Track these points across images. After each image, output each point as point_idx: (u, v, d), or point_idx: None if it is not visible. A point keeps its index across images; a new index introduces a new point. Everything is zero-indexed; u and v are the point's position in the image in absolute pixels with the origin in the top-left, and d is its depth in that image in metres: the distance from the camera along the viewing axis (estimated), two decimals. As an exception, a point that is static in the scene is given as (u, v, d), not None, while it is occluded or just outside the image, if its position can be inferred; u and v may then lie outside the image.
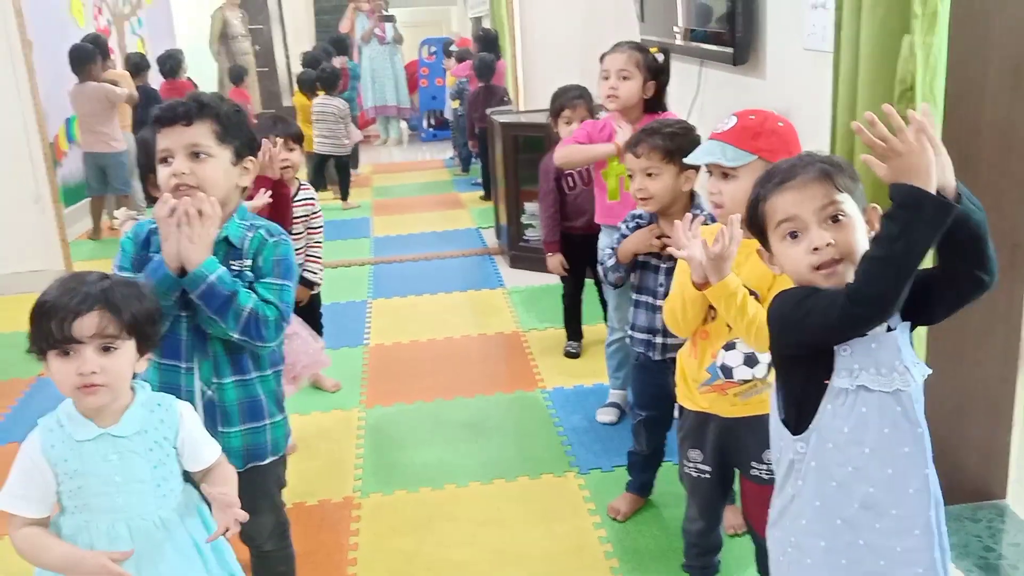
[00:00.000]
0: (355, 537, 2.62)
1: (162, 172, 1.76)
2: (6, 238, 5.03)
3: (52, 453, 1.49)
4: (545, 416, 3.31)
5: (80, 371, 1.43)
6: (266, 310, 1.78)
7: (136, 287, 1.54)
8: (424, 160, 9.41)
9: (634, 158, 2.34)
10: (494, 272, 5.15)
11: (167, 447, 1.55)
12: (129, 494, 1.51)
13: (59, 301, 1.43)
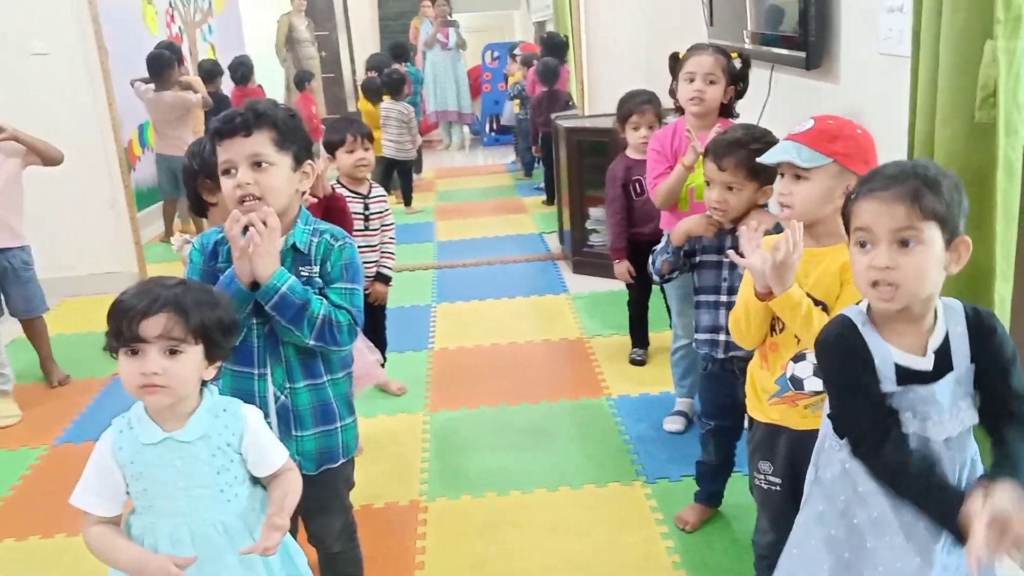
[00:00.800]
0: (422, 541, 2.63)
1: (226, 184, 1.78)
2: (84, 241, 5.18)
3: (120, 455, 1.53)
4: (611, 423, 3.29)
5: (143, 370, 1.46)
6: (338, 315, 1.81)
7: (210, 294, 1.56)
8: (486, 164, 9.45)
9: (718, 170, 2.29)
10: (557, 277, 5.14)
11: (231, 452, 1.56)
12: (192, 499, 1.53)
13: (131, 301, 1.47)
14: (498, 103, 10.07)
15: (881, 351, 1.49)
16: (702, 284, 2.44)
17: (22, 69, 4.89)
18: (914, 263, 1.41)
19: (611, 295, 4.57)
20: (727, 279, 2.37)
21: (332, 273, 1.83)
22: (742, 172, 2.25)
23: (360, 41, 11.85)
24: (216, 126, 1.77)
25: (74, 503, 1.55)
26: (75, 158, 5.03)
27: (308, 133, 1.90)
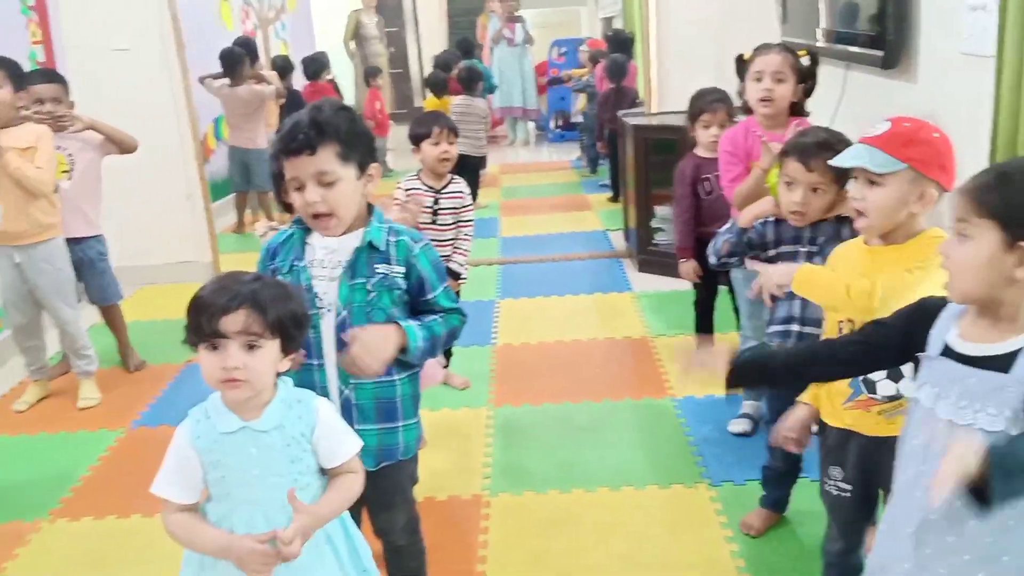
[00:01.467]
0: (484, 535, 2.65)
1: (296, 200, 1.81)
2: (160, 231, 5.32)
3: (198, 443, 1.57)
4: (675, 424, 3.28)
5: (224, 365, 1.50)
6: (452, 320, 1.92)
7: (285, 288, 1.60)
8: (551, 161, 9.45)
9: (805, 171, 2.24)
10: (621, 275, 5.13)
11: (304, 443, 1.59)
12: (267, 487, 1.57)
13: (211, 298, 1.51)
14: (564, 99, 10.06)
15: (944, 327, 1.47)
16: None
17: (103, 64, 5.04)
18: (961, 257, 1.39)
19: (676, 295, 4.53)
20: None
21: (429, 277, 1.88)
22: (831, 174, 2.21)
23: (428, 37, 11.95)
24: (280, 145, 1.79)
25: (154, 492, 1.59)
26: (152, 151, 5.19)
27: (370, 136, 1.94)
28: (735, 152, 2.90)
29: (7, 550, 2.72)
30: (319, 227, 1.82)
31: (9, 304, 3.64)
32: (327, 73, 8.09)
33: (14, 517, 2.91)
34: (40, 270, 3.57)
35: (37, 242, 3.54)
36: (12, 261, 3.55)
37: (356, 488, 1.66)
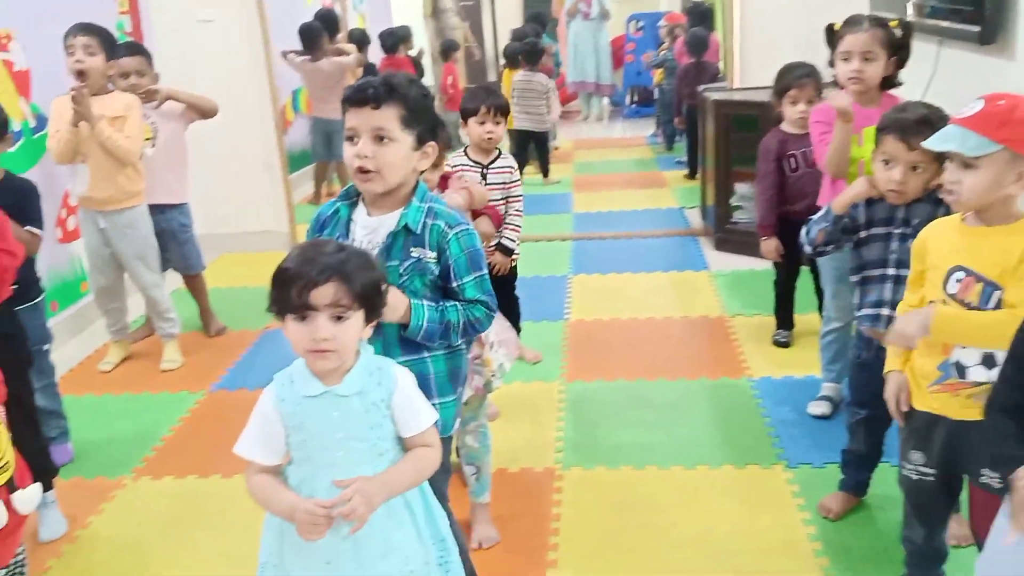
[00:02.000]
0: (557, 508, 2.65)
1: (347, 150, 1.80)
2: (240, 201, 5.42)
3: (282, 407, 1.59)
4: (752, 405, 3.22)
5: (314, 336, 1.51)
6: (474, 312, 1.85)
7: (367, 257, 1.60)
8: (626, 137, 9.34)
9: (906, 149, 2.16)
10: (698, 254, 5.05)
11: (383, 409, 1.60)
12: (347, 451, 1.58)
13: (299, 270, 1.51)
14: (640, 74, 9.92)
15: None
16: (868, 258, 2.33)
17: (189, 35, 5.13)
18: None
19: (754, 274, 4.45)
20: (895, 251, 2.27)
21: (459, 265, 1.83)
22: (931, 152, 2.12)
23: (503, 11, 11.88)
24: (348, 93, 1.79)
25: (237, 452, 1.62)
26: (234, 122, 5.28)
27: (436, 115, 1.91)
28: (828, 122, 2.81)
29: (93, 505, 2.81)
30: (361, 182, 1.80)
31: (93, 267, 3.75)
32: (406, 47, 8.10)
33: (99, 474, 3.00)
34: (123, 235, 3.66)
35: (122, 208, 3.63)
36: (97, 226, 3.65)
37: (430, 462, 1.65)
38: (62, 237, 4.20)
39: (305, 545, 1.56)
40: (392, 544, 1.61)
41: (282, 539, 1.63)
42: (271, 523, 1.66)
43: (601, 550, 2.45)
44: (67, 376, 3.75)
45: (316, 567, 1.59)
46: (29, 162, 3.93)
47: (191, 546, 2.58)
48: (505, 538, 2.49)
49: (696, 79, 6.44)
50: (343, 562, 1.58)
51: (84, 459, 3.09)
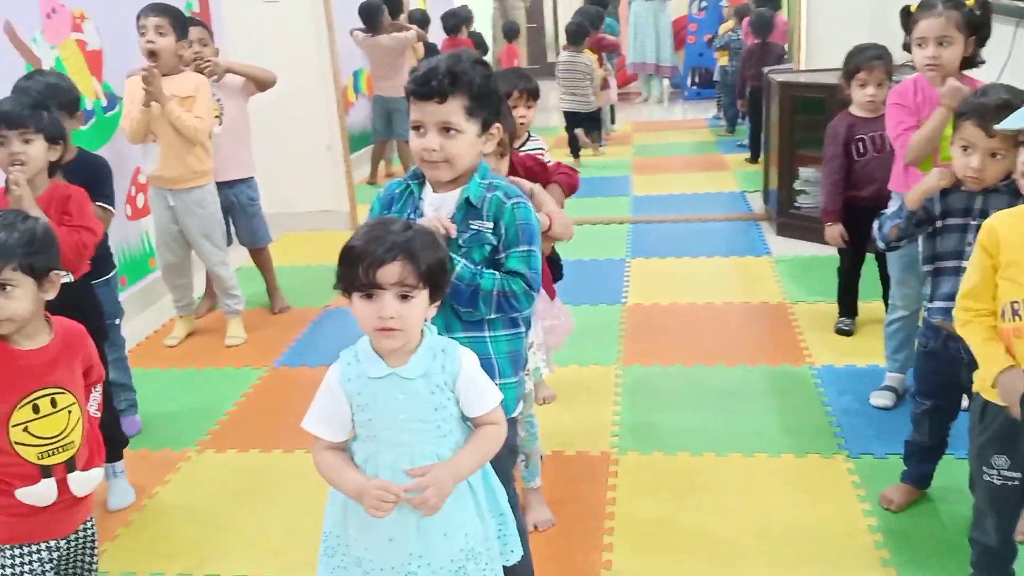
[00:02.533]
0: (612, 492, 2.65)
1: (414, 141, 1.80)
2: (303, 180, 5.49)
3: (348, 385, 1.60)
4: (812, 393, 3.17)
5: (380, 315, 1.52)
6: (512, 284, 1.80)
7: (433, 236, 1.60)
8: (686, 119, 9.24)
9: (985, 136, 2.10)
10: (759, 239, 4.98)
11: (447, 391, 1.60)
12: (412, 432, 1.60)
13: (367, 248, 1.52)
14: (702, 55, 9.79)
15: None
16: (943, 249, 2.27)
17: (254, 16, 5.20)
18: None
19: (817, 260, 4.38)
20: (971, 243, 2.20)
21: (508, 236, 1.82)
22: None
23: (565, -9, 11.81)
24: (412, 86, 1.78)
25: (305, 427, 1.64)
26: (297, 102, 5.35)
27: (500, 96, 1.90)
28: (905, 104, 2.73)
29: (159, 476, 2.89)
30: (429, 170, 1.81)
31: (161, 244, 3.84)
32: (468, 28, 8.10)
33: (165, 445, 3.09)
34: (191, 213, 3.74)
35: (190, 187, 3.70)
36: (166, 203, 3.73)
37: (496, 440, 1.66)
38: (131, 214, 4.30)
39: (369, 522, 1.59)
40: (454, 524, 1.62)
41: (346, 513, 1.66)
42: (336, 497, 1.68)
43: (657, 534, 2.45)
44: (135, 350, 3.84)
45: (379, 544, 1.61)
46: (101, 140, 4.03)
47: (254, 518, 2.64)
48: (560, 521, 2.50)
49: (761, 60, 6.33)
50: (406, 540, 1.60)
51: (151, 431, 3.18)
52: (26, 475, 1.80)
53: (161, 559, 2.47)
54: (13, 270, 1.72)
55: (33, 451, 1.80)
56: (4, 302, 1.72)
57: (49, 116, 2.45)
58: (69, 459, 1.85)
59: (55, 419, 1.82)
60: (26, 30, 3.57)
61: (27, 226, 1.78)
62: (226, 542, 2.54)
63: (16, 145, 2.37)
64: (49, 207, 2.43)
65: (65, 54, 3.82)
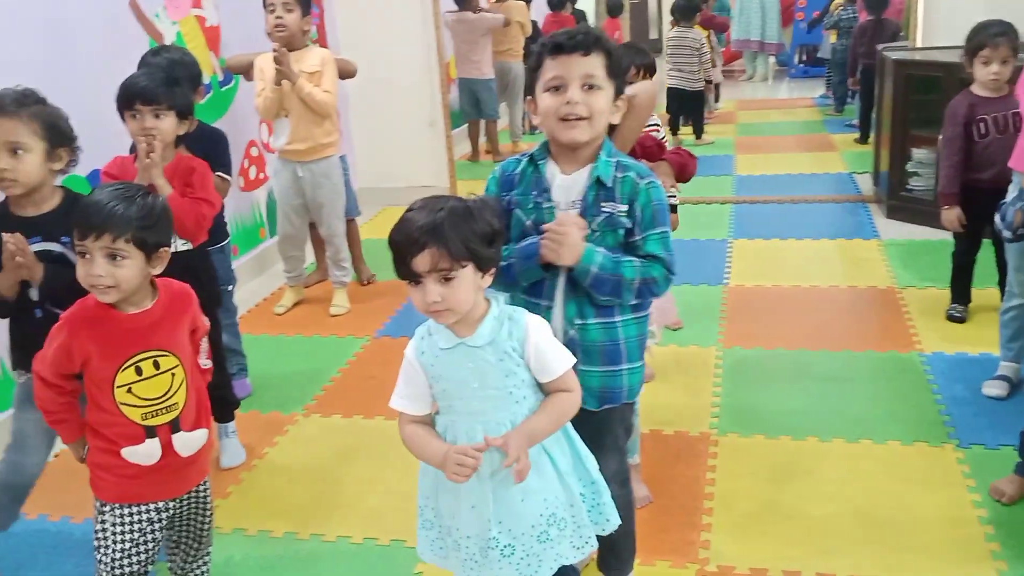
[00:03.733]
0: (712, 473, 2.63)
1: (549, 100, 1.76)
2: (404, 156, 5.58)
3: (423, 359, 1.64)
4: (921, 381, 3.08)
5: (424, 300, 1.55)
6: (652, 271, 1.78)
7: (468, 210, 1.57)
8: (792, 98, 9.00)
9: None
10: (868, 221, 4.84)
11: (516, 358, 1.62)
12: (484, 399, 1.62)
13: (398, 239, 1.55)
14: (810, 32, 9.51)
15: None
16: None
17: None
18: None
19: (929, 244, 4.23)
20: None
21: (644, 218, 1.78)
22: None
23: (669, -34, 11.59)
24: (556, 40, 1.76)
25: (391, 405, 1.69)
26: (402, 79, 5.44)
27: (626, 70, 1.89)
28: None
29: (268, 437, 3.01)
30: (566, 130, 1.76)
31: (282, 215, 3.97)
32: (572, 5, 8.06)
33: (274, 408, 3.20)
34: (318, 184, 3.85)
35: (319, 159, 3.82)
36: (295, 175, 3.85)
37: (570, 406, 1.66)
38: (244, 185, 4.45)
39: (454, 490, 1.64)
40: (531, 488, 1.65)
41: (436, 484, 1.71)
42: (427, 469, 1.73)
43: (757, 517, 2.43)
44: (245, 316, 3.99)
45: (463, 511, 1.67)
46: (218, 113, 4.17)
47: (357, 481, 2.72)
48: (658, 499, 2.50)
49: (874, 38, 6.12)
50: (485, 505, 1.64)
51: (260, 394, 3.30)
52: (131, 435, 1.84)
53: (270, 517, 2.57)
54: (126, 241, 1.73)
55: (137, 412, 1.83)
56: (113, 270, 1.74)
57: (180, 92, 2.55)
58: (173, 420, 1.86)
59: (158, 381, 1.83)
60: (149, 6, 3.71)
61: (147, 201, 1.79)
62: (330, 503, 2.63)
63: (149, 120, 2.47)
64: (174, 177, 2.53)
65: (185, 29, 3.96)
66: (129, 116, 2.49)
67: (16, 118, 2.05)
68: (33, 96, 2.11)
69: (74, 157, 2.17)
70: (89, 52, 3.29)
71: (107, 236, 1.72)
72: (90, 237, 1.72)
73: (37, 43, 3.11)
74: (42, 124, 2.08)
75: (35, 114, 2.07)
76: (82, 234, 1.73)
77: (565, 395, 1.66)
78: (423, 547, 1.80)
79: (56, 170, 2.13)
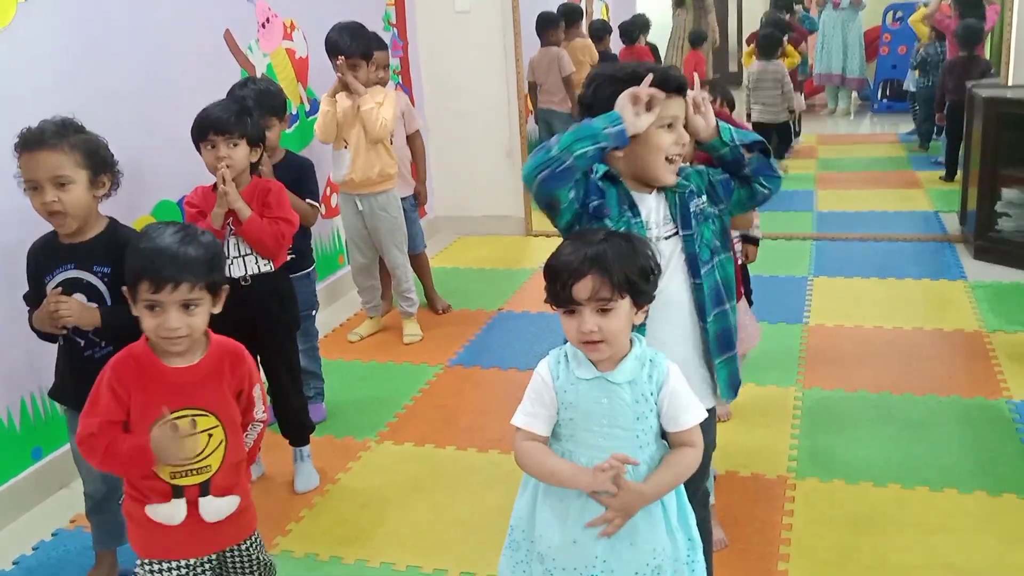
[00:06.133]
0: (789, 518, 2.57)
1: (667, 136, 1.80)
2: (480, 185, 5.63)
3: (557, 383, 1.63)
4: (1009, 429, 2.97)
5: (580, 329, 1.55)
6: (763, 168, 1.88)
7: (631, 243, 1.59)
8: (875, 133, 8.84)
9: None
10: (954, 262, 4.70)
11: (651, 402, 1.61)
12: (611, 438, 1.60)
13: (562, 265, 1.56)
14: (895, 67, 9.33)
15: None
16: None
17: (447, 25, 5.39)
18: None
19: (1018, 287, 4.10)
20: None
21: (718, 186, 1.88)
22: None
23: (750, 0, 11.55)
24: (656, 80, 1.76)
25: (514, 423, 1.65)
26: (482, 108, 5.50)
27: None
28: None
29: (342, 463, 3.03)
30: (672, 174, 1.83)
31: (352, 246, 4.03)
32: (644, 37, 8.07)
33: (348, 434, 3.24)
34: (378, 217, 3.90)
35: (377, 192, 3.86)
36: (355, 208, 3.90)
37: (693, 462, 1.64)
38: (325, 213, 4.55)
39: (555, 521, 1.62)
40: (641, 535, 1.62)
41: (534, 508, 1.68)
42: (525, 490, 1.71)
43: (836, 565, 2.36)
44: (322, 341, 4.01)
45: (563, 546, 1.63)
46: (304, 142, 4.28)
47: (427, 510, 2.73)
48: (734, 543, 2.45)
49: (964, 74, 5.97)
50: (591, 544, 1.61)
51: (335, 419, 3.34)
52: (159, 491, 1.77)
53: (340, 544, 2.58)
54: (201, 289, 1.69)
55: (167, 469, 1.75)
56: (189, 320, 1.68)
57: (252, 121, 2.64)
58: (203, 482, 1.78)
59: (193, 440, 1.74)
60: (243, 38, 3.84)
61: (206, 239, 1.74)
62: (401, 531, 2.64)
63: (223, 149, 2.57)
64: (251, 200, 2.62)
65: (275, 61, 4.09)
66: (204, 147, 2.59)
67: (59, 151, 2.06)
68: (72, 126, 2.13)
69: (115, 181, 2.19)
70: (186, 84, 3.41)
71: (184, 287, 1.66)
72: (165, 290, 1.65)
73: (137, 75, 3.23)
74: (83, 153, 2.09)
75: (75, 144, 2.09)
76: (156, 287, 1.65)
77: (689, 450, 1.64)
78: (505, 568, 1.76)
79: (99, 196, 2.15)
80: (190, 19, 3.51)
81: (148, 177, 3.19)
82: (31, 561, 2.58)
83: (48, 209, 2.08)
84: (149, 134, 3.21)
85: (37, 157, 2.06)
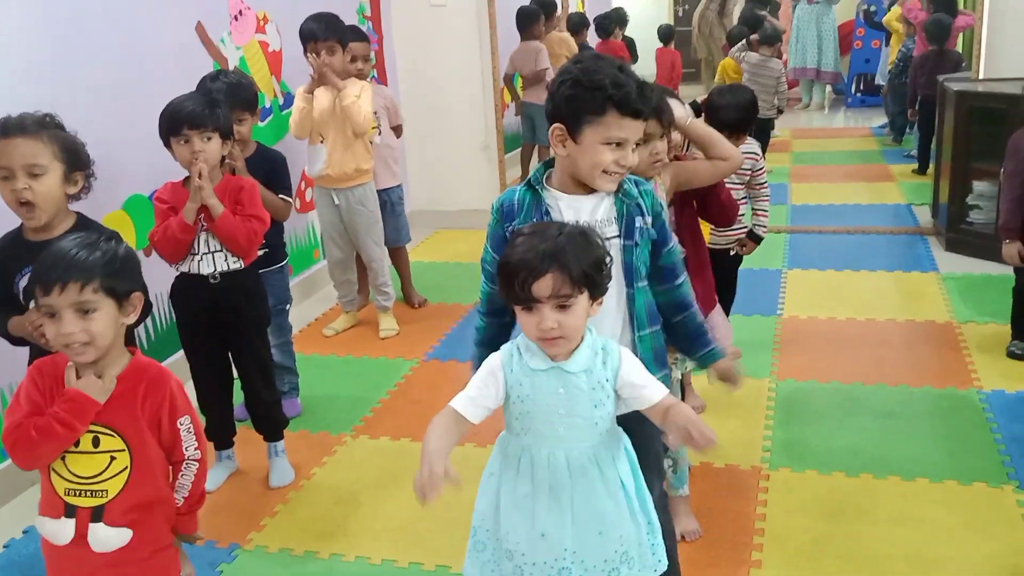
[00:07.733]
0: (762, 508, 2.59)
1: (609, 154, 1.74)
2: (457, 179, 5.62)
3: (510, 376, 1.63)
4: (980, 419, 3.00)
5: (539, 327, 1.55)
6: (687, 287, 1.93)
7: (587, 236, 1.59)
8: (849, 127, 8.91)
9: None
10: (926, 254, 4.75)
11: (608, 389, 1.62)
12: (570, 427, 1.62)
13: (518, 263, 1.54)
14: (869, 62, 9.40)
15: None
16: None
17: (422, 19, 5.37)
18: None
19: (990, 279, 4.14)
20: None
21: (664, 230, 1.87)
22: None
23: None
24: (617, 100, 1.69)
25: (452, 405, 1.63)
26: (458, 102, 5.49)
27: None
28: None
29: (317, 458, 3.02)
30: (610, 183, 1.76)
31: (328, 240, 4.01)
32: (621, 31, 8.08)
33: (323, 429, 3.22)
34: (355, 211, 3.88)
35: (354, 186, 3.85)
36: (331, 202, 3.88)
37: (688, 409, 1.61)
38: (300, 207, 4.52)
39: (521, 517, 1.63)
40: (609, 523, 1.63)
41: (497, 507, 1.69)
42: (486, 491, 1.72)
43: (808, 555, 2.38)
44: (296, 336, 4.00)
45: (532, 538, 1.64)
46: (277, 136, 4.25)
47: (403, 505, 2.72)
48: (707, 533, 2.46)
49: (935, 68, 6.02)
50: (560, 536, 1.62)
51: (310, 414, 3.32)
52: (53, 505, 1.68)
53: (315, 539, 2.58)
54: (94, 291, 1.59)
55: (62, 484, 1.67)
56: (87, 325, 1.59)
57: (222, 114, 2.61)
58: (97, 507, 1.66)
59: (92, 459, 1.65)
60: (215, 31, 3.81)
61: (109, 246, 1.65)
62: (376, 526, 2.63)
63: (197, 143, 2.54)
64: (224, 197, 2.59)
65: (249, 54, 4.06)
66: (176, 142, 2.55)
67: (37, 139, 2.06)
68: (53, 120, 2.13)
69: (88, 184, 2.17)
70: (158, 77, 3.38)
71: (72, 288, 1.58)
72: (54, 291, 1.57)
73: (109, 68, 3.20)
74: (61, 147, 2.09)
75: (54, 137, 2.09)
76: (45, 289, 1.58)
77: (679, 406, 1.62)
78: (472, 569, 1.76)
79: (70, 195, 2.14)
80: (162, 11, 3.48)
81: (119, 171, 3.16)
82: (2, 559, 2.55)
83: (18, 197, 2.06)
84: (121, 127, 3.18)
85: (14, 142, 2.05)
